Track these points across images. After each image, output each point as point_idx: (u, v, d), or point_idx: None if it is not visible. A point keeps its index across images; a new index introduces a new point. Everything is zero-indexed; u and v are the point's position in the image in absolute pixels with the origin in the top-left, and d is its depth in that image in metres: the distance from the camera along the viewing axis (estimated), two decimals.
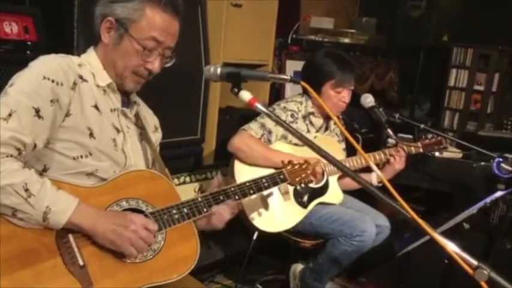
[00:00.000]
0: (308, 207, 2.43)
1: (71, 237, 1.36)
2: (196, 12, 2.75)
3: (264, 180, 1.80)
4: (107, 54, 1.52)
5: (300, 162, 1.99)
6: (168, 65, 1.57)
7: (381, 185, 2.52)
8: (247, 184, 1.73)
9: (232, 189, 1.68)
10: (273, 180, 1.83)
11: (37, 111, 1.33)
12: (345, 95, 2.51)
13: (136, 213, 1.45)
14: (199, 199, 1.59)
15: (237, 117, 3.12)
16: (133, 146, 1.60)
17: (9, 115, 1.29)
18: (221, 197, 1.64)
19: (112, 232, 1.37)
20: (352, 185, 2.62)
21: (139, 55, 1.48)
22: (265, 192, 1.86)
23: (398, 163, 2.54)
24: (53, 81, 1.37)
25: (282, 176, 1.88)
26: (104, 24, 1.49)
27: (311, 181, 2.01)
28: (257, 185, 1.76)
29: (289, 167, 1.94)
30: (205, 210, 1.59)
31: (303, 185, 1.98)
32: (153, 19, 1.47)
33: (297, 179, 1.95)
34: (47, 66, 1.40)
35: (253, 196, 1.77)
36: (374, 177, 2.54)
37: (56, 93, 1.37)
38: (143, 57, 1.49)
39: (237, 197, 1.68)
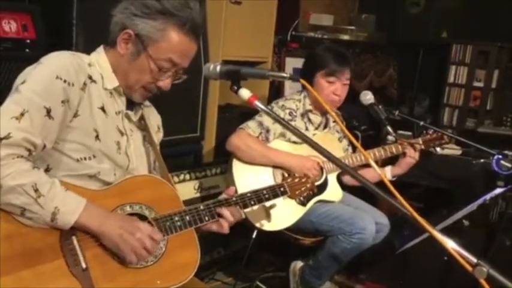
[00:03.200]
0: (307, 205, 2.43)
1: (74, 239, 1.36)
2: None
3: (264, 192, 1.84)
4: (120, 64, 1.50)
5: (300, 176, 2.07)
6: (178, 82, 1.56)
7: (395, 179, 2.57)
8: (248, 195, 1.77)
9: (234, 199, 1.71)
10: (273, 192, 1.89)
11: (48, 111, 1.33)
12: (338, 88, 2.48)
13: (142, 221, 1.45)
14: (202, 207, 1.60)
15: (236, 115, 3.12)
16: (136, 149, 1.60)
17: (22, 114, 1.29)
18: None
19: (118, 236, 1.37)
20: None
21: (154, 74, 1.48)
22: None
23: (413, 157, 2.55)
24: (65, 81, 1.36)
25: (282, 189, 1.94)
26: (122, 35, 1.47)
27: (309, 195, 2.09)
28: (258, 197, 1.81)
29: (289, 180, 2.01)
30: (206, 218, 1.60)
31: (302, 198, 2.03)
32: (175, 42, 1.46)
33: (297, 192, 2.02)
34: (59, 65, 1.38)
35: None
36: (388, 171, 2.58)
37: (67, 94, 1.37)
38: (156, 76, 1.49)
39: (237, 207, 1.71)
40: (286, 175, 2.05)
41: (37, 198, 1.27)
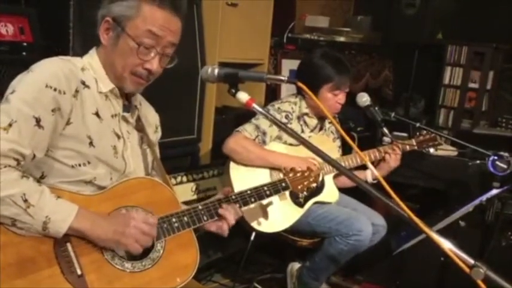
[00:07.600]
0: (304, 207, 2.44)
1: (69, 246, 1.35)
2: (192, 12, 2.74)
3: (265, 188, 1.78)
4: (106, 56, 1.49)
5: (303, 169, 1.98)
6: (170, 65, 1.53)
7: (375, 181, 2.54)
8: (248, 192, 1.72)
9: (234, 197, 1.67)
10: (274, 188, 1.82)
11: (38, 120, 1.31)
12: (342, 97, 2.53)
13: (132, 210, 1.45)
14: (200, 207, 1.58)
15: (233, 117, 3.13)
16: (134, 151, 1.59)
17: (10, 125, 1.28)
18: (222, 206, 1.63)
19: (114, 233, 1.37)
20: (348, 183, 2.63)
21: (136, 53, 1.44)
22: None
23: (393, 161, 2.56)
24: (55, 89, 1.35)
25: (284, 184, 1.87)
26: (103, 25, 1.47)
27: (314, 189, 1.99)
28: (258, 193, 1.75)
29: (291, 175, 1.93)
30: (205, 218, 1.58)
31: (305, 193, 1.97)
32: (149, 15, 1.44)
33: (299, 187, 1.94)
34: (49, 73, 1.37)
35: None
36: (369, 175, 2.57)
37: (58, 102, 1.35)
38: (140, 56, 1.44)
39: (238, 206, 1.68)
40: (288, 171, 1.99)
41: (26, 208, 1.26)
